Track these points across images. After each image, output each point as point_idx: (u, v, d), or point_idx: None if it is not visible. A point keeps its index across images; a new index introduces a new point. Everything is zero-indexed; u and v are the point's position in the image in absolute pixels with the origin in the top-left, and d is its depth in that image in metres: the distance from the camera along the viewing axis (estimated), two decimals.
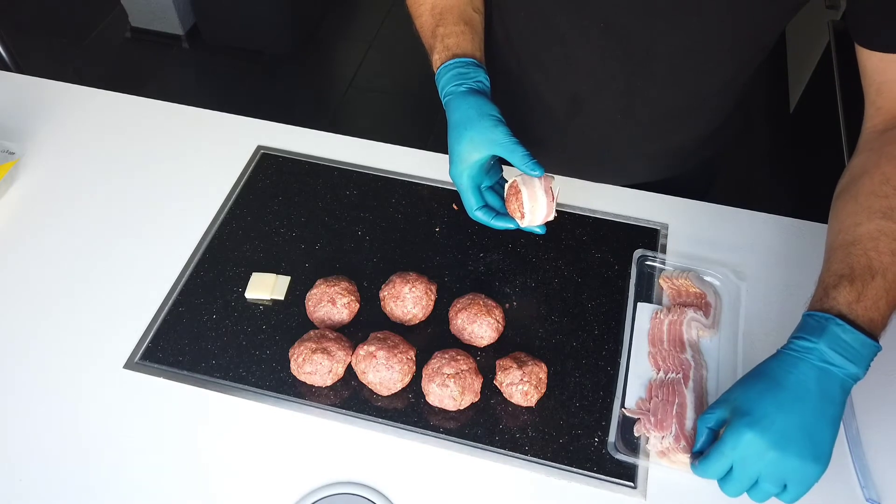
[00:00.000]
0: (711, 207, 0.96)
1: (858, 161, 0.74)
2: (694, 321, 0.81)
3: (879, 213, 0.66)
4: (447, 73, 0.80)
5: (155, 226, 0.93)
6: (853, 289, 0.63)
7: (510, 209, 0.79)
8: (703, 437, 0.67)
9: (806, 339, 0.62)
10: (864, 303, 0.62)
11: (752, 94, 2.55)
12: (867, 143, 0.75)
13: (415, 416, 0.76)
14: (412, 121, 2.50)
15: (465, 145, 0.77)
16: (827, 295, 0.64)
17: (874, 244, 0.65)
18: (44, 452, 0.74)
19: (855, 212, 0.68)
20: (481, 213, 0.80)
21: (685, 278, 0.85)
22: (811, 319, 0.63)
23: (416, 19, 0.89)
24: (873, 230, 0.66)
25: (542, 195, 0.77)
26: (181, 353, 0.81)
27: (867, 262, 0.64)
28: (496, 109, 0.77)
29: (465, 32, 0.83)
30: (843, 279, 0.64)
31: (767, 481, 0.61)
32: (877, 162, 0.70)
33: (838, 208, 0.71)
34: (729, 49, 0.81)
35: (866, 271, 0.64)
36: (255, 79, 2.63)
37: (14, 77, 1.16)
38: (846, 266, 0.65)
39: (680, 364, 0.78)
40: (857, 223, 0.67)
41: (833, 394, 0.61)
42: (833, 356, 0.61)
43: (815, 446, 0.60)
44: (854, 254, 0.65)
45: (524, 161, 0.74)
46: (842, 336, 0.61)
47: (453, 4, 0.85)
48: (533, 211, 0.77)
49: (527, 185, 0.77)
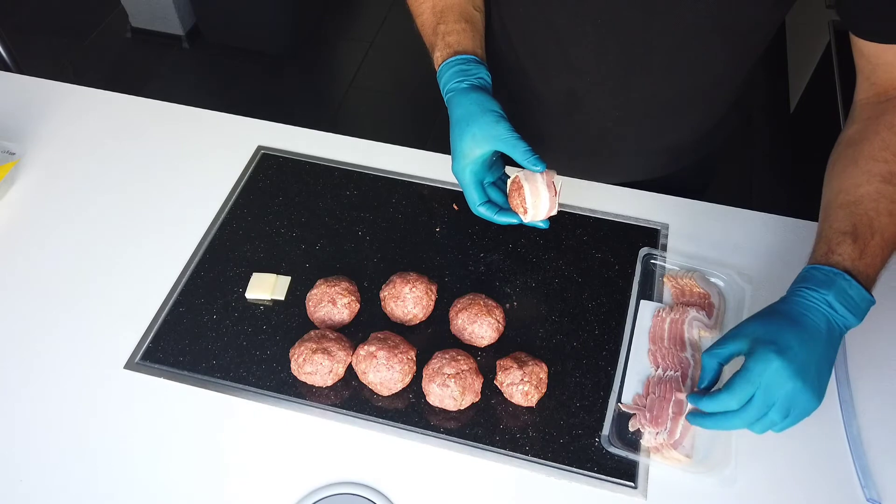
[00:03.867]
0: (712, 207, 0.96)
1: (855, 129, 0.76)
2: (696, 321, 0.81)
3: (879, 176, 0.69)
4: (449, 70, 0.80)
5: (155, 226, 0.93)
6: (856, 246, 0.66)
7: (513, 204, 0.80)
8: (711, 372, 0.69)
9: (815, 289, 0.65)
10: (864, 260, 0.66)
11: (752, 94, 2.55)
12: (862, 112, 0.77)
13: (415, 416, 0.76)
14: (412, 121, 2.50)
15: (468, 141, 0.77)
16: (832, 251, 0.67)
17: (874, 205, 0.68)
18: (44, 453, 0.74)
19: (855, 174, 0.71)
20: (484, 209, 0.81)
21: (690, 278, 0.85)
22: (818, 273, 0.66)
23: (417, 18, 0.89)
24: (873, 192, 0.69)
25: (544, 190, 0.77)
26: (182, 353, 0.81)
27: (868, 222, 0.68)
28: (498, 105, 0.78)
29: (465, 30, 0.83)
30: (847, 236, 0.67)
31: (777, 411, 0.63)
32: (875, 129, 0.73)
33: (837, 171, 0.74)
34: (724, 44, 0.82)
35: (867, 230, 0.67)
36: (255, 79, 2.63)
37: (14, 77, 1.16)
38: (849, 224, 0.68)
39: (679, 362, 0.78)
40: (858, 184, 0.70)
41: (835, 340, 0.65)
42: (839, 307, 0.64)
43: (821, 384, 0.64)
44: (856, 213, 0.68)
45: (526, 156, 0.74)
46: (848, 290, 0.65)
47: (454, 3, 0.86)
48: (536, 206, 0.78)
49: (529, 180, 0.77)
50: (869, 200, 0.68)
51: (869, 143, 0.72)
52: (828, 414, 0.77)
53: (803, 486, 0.72)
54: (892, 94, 0.75)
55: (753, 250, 0.91)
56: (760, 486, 0.72)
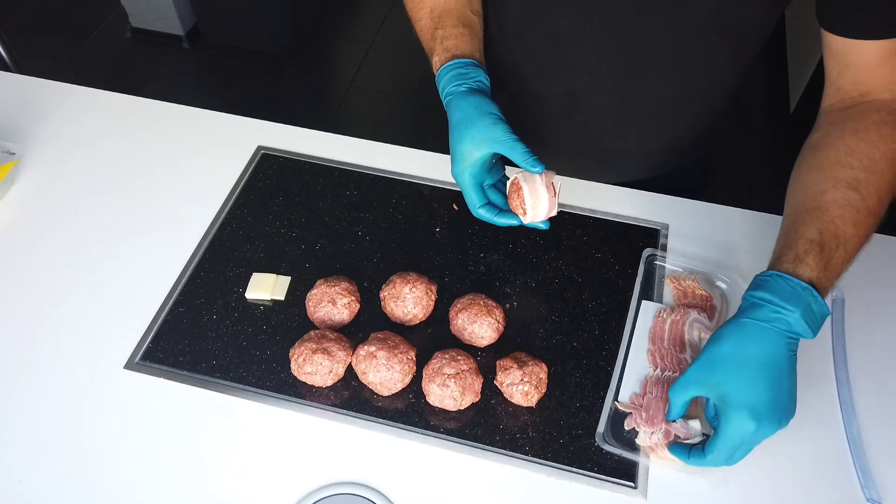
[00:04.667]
0: (712, 207, 0.96)
1: (820, 135, 0.75)
2: (697, 322, 0.81)
3: (844, 182, 0.69)
4: (447, 73, 0.81)
5: (155, 226, 0.93)
6: (822, 257, 0.66)
7: (512, 206, 0.80)
8: (677, 408, 0.70)
9: (777, 306, 0.64)
10: (827, 273, 0.66)
11: (752, 94, 2.55)
12: (827, 119, 0.76)
13: (415, 417, 0.76)
14: (412, 121, 2.50)
15: (467, 144, 0.77)
16: (800, 260, 0.66)
17: (840, 212, 0.67)
18: (44, 453, 0.74)
19: (821, 180, 0.70)
20: (484, 211, 0.81)
21: (693, 280, 0.85)
22: (786, 284, 0.65)
23: (416, 23, 0.89)
24: (839, 198, 0.68)
25: (543, 191, 0.77)
26: (181, 353, 0.81)
27: (834, 231, 0.67)
28: (496, 108, 0.78)
29: (463, 34, 0.84)
30: (814, 245, 0.66)
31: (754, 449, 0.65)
32: (840, 135, 0.72)
33: (802, 176, 0.73)
34: (723, 43, 0.82)
35: (833, 240, 0.66)
36: (255, 79, 2.63)
37: (14, 77, 1.16)
38: (816, 231, 0.67)
39: (678, 363, 0.78)
40: (823, 191, 0.69)
41: (795, 360, 0.65)
42: (801, 325, 0.64)
43: (790, 406, 0.65)
44: (823, 219, 0.67)
45: (525, 158, 0.75)
46: (813, 307, 0.64)
47: (452, 7, 0.86)
48: (535, 207, 0.78)
49: (528, 181, 0.78)
50: (835, 207, 0.67)
51: (834, 150, 0.72)
52: (828, 414, 0.77)
53: (803, 486, 0.72)
54: (857, 100, 0.75)
55: (753, 250, 0.91)
56: (760, 487, 0.72)
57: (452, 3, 0.86)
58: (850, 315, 0.85)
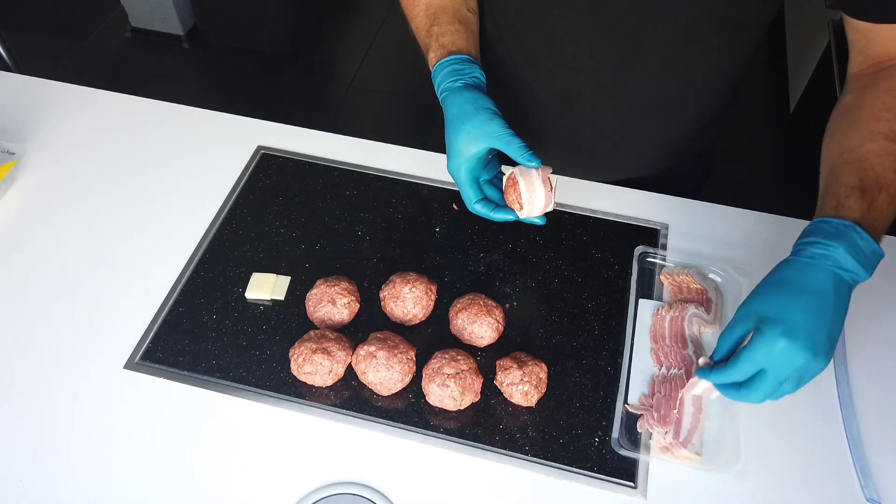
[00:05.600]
0: (711, 207, 0.96)
1: (851, 97, 0.75)
2: (695, 317, 0.82)
3: (882, 135, 0.69)
4: (443, 70, 0.81)
5: (155, 226, 0.93)
6: (864, 200, 0.65)
7: (509, 201, 0.80)
8: (723, 350, 0.68)
9: (822, 244, 0.63)
10: (872, 213, 0.65)
11: (752, 94, 2.55)
12: (857, 83, 0.77)
13: (415, 416, 0.76)
14: (412, 121, 2.50)
15: (463, 139, 0.77)
16: (841, 205, 0.65)
17: (880, 161, 0.67)
18: (44, 453, 0.74)
19: (858, 135, 0.71)
20: (480, 206, 0.81)
21: (686, 274, 0.85)
22: (827, 226, 0.64)
23: (412, 20, 0.89)
24: (878, 149, 0.68)
25: (539, 185, 0.77)
26: (181, 353, 0.81)
27: (875, 177, 0.66)
28: (492, 103, 0.78)
29: (459, 31, 0.84)
30: (854, 191, 0.66)
31: (790, 384, 0.63)
32: (874, 94, 0.73)
33: (836, 135, 0.73)
34: (718, 38, 0.82)
35: (874, 185, 0.66)
36: (255, 79, 2.63)
37: (14, 77, 1.16)
38: (856, 179, 0.66)
39: (682, 360, 0.78)
40: (862, 143, 0.69)
41: (844, 298, 0.63)
42: (848, 261, 0.62)
43: (831, 346, 0.62)
44: (863, 168, 0.67)
45: (521, 152, 0.75)
46: (858, 242, 0.63)
47: (447, 4, 0.86)
48: (531, 201, 0.78)
49: (524, 176, 0.78)
50: (874, 157, 0.67)
51: (868, 107, 0.72)
52: (828, 414, 0.77)
53: (803, 486, 0.72)
54: (886, 63, 0.75)
55: (753, 250, 0.91)
56: (760, 486, 0.72)
57: (448, 1, 0.86)
58: (850, 315, 0.84)
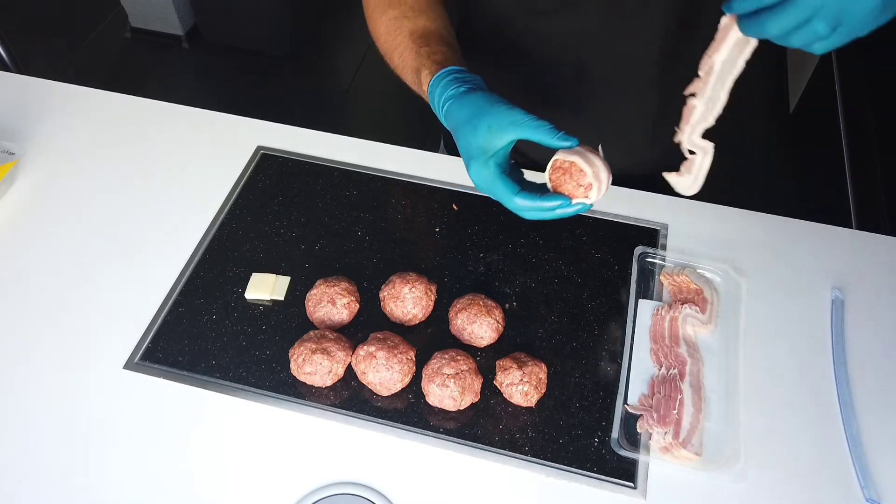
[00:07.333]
0: (711, 207, 0.96)
1: None
2: (689, 317, 0.82)
3: None
4: (441, 81, 0.75)
5: (155, 226, 0.93)
6: None
7: (566, 191, 0.68)
8: None
9: None
10: None
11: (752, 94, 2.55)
12: None
13: (415, 417, 0.76)
14: (412, 121, 2.50)
15: (484, 134, 0.69)
16: None
17: None
18: (44, 453, 0.74)
19: None
20: (523, 199, 0.68)
21: (685, 274, 0.85)
22: None
23: (393, 51, 0.85)
24: None
25: (596, 159, 0.67)
26: (181, 353, 0.81)
27: None
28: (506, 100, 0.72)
29: (449, 52, 0.80)
30: None
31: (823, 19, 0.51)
32: None
33: None
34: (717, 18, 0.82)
35: None
36: (255, 79, 2.63)
37: (14, 77, 1.16)
38: None
39: (681, 361, 0.78)
40: None
41: None
42: None
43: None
44: None
45: (553, 134, 0.65)
46: None
47: (433, 29, 0.84)
48: (597, 177, 0.66)
49: (574, 154, 0.67)
50: None
51: None
52: (828, 414, 0.77)
53: (802, 486, 0.72)
54: None
55: (753, 250, 0.91)
56: (760, 486, 0.72)
57: (433, 27, 0.84)
58: (850, 315, 0.85)
